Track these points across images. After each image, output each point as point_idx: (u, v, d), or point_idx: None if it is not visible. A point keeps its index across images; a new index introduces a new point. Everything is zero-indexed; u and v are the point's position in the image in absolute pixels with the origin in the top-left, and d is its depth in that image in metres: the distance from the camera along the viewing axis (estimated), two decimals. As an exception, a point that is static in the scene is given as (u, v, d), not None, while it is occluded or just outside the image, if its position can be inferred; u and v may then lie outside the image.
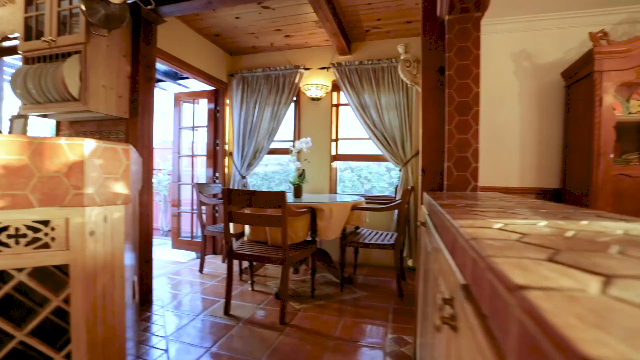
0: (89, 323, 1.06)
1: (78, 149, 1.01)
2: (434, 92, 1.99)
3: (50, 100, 2.33)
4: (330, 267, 3.22)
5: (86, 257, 1.04)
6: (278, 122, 4.07)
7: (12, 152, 0.94)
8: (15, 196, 0.95)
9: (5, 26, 2.58)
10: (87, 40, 2.23)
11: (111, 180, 1.10)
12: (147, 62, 2.61)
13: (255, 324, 2.39)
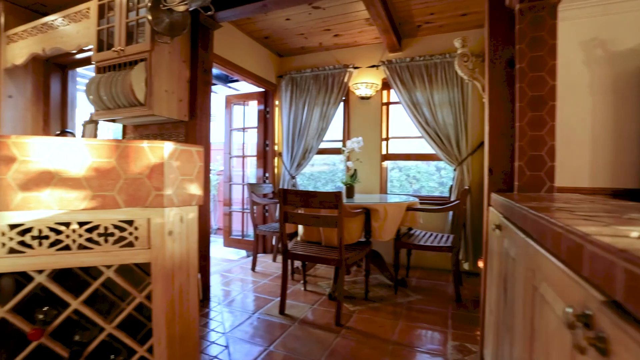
0: (168, 319, 1.09)
1: (158, 151, 1.05)
2: (501, 87, 1.86)
3: (119, 106, 2.49)
4: (383, 269, 3.15)
5: (165, 256, 1.08)
6: (327, 122, 4.06)
7: (102, 155, 1.00)
8: (105, 197, 1.00)
9: (80, 39, 2.80)
10: (152, 48, 2.35)
11: (187, 181, 1.13)
12: (205, 66, 2.71)
13: (310, 325, 2.39)
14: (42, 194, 0.95)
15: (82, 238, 1.01)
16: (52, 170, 0.95)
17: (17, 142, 0.93)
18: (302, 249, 2.62)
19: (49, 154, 0.95)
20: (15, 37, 3.30)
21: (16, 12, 3.42)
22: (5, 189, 0.92)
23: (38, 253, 0.98)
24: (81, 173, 0.97)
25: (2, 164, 0.92)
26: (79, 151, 0.97)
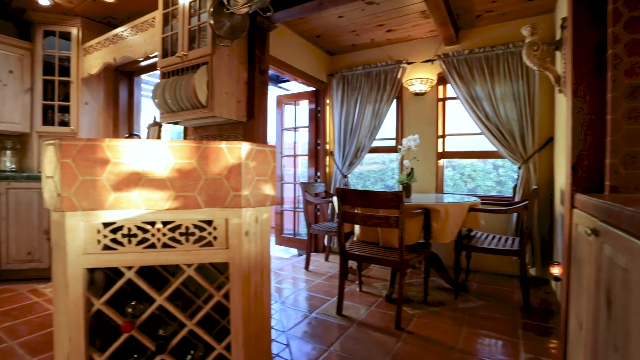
0: (245, 318, 1.10)
1: (236, 152, 1.05)
2: (588, 76, 1.67)
3: (183, 109, 2.60)
4: (442, 272, 3.01)
5: (242, 256, 1.08)
6: (380, 120, 3.97)
7: (184, 157, 1.02)
8: (187, 197, 1.02)
9: (147, 47, 2.96)
10: (213, 52, 2.42)
11: (262, 181, 1.13)
12: (262, 67, 2.75)
13: (369, 327, 2.34)
14: (131, 194, 0.99)
15: (166, 237, 1.04)
16: (140, 171, 0.99)
17: (110, 145, 0.97)
18: (359, 249, 2.57)
19: (137, 156, 0.99)
20: (90, 49, 3.58)
21: (91, 26, 3.71)
22: (101, 189, 0.97)
23: (128, 250, 1.02)
24: (165, 174, 1.00)
25: (97, 166, 0.97)
26: (163, 153, 1.00)
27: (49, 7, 3.47)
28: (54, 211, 1.00)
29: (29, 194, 3.23)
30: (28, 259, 3.24)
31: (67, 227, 0.98)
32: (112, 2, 3.34)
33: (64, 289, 0.99)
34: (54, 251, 1.04)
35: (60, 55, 3.67)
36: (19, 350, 2.05)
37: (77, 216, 0.98)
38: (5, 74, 3.48)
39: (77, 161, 0.95)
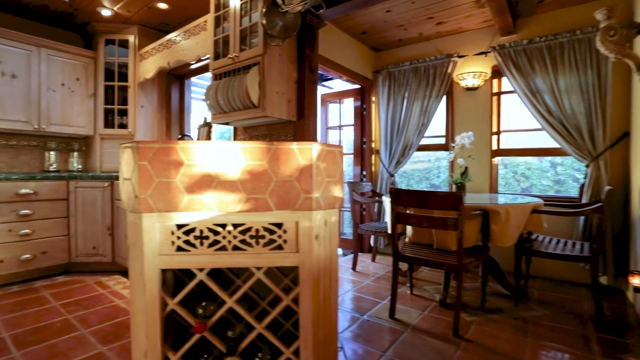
0: (314, 323, 1.06)
1: (307, 153, 1.02)
2: (688, 61, 1.47)
3: (234, 109, 2.64)
4: (499, 277, 2.83)
5: (312, 260, 1.05)
6: (428, 117, 3.82)
7: (255, 158, 1.00)
8: (258, 199, 1.01)
9: (199, 50, 3.05)
10: (264, 52, 2.43)
11: (332, 183, 1.09)
12: (311, 66, 2.73)
13: (424, 332, 2.24)
14: (204, 196, 0.99)
15: (237, 239, 1.03)
16: (212, 173, 0.99)
17: (183, 148, 0.98)
18: (412, 251, 2.48)
19: (209, 158, 0.98)
20: (146, 54, 3.76)
21: (146, 33, 3.90)
22: (175, 192, 0.98)
23: (200, 252, 1.02)
24: (237, 176, 0.99)
25: (172, 168, 0.98)
26: (235, 154, 0.99)
27: (110, 18, 3.68)
28: (131, 212, 1.02)
29: (93, 193, 3.45)
30: (93, 253, 3.46)
31: (144, 228, 0.99)
32: (166, 9, 3.47)
33: (142, 288, 1.01)
34: (131, 251, 1.07)
35: (119, 62, 3.89)
36: (91, 338, 2.18)
37: (153, 217, 0.99)
38: (73, 82, 3.75)
39: (153, 163, 0.97)
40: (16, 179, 3.11)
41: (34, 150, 3.83)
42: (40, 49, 3.53)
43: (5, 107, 3.33)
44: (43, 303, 2.72)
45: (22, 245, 3.15)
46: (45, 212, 3.29)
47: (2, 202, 3.05)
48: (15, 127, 3.40)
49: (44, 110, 3.56)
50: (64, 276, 3.39)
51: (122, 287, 3.10)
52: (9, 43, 3.34)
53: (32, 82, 3.48)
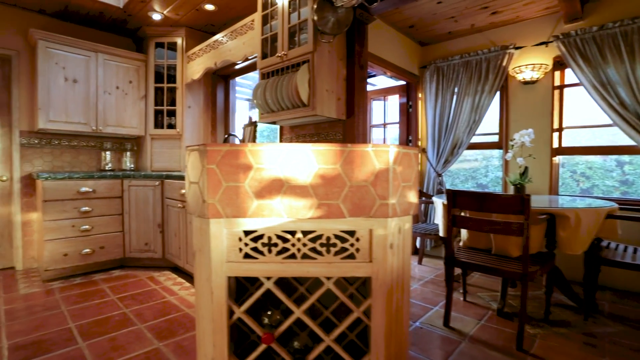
0: (387, 337, 0.99)
1: (384, 156, 0.94)
2: None
3: (283, 108, 2.61)
4: (564, 287, 2.61)
5: (386, 270, 0.98)
6: (480, 114, 3.60)
7: (328, 162, 0.94)
8: (330, 206, 0.94)
9: (246, 50, 3.05)
10: (314, 49, 2.38)
11: (407, 188, 1.01)
12: (361, 62, 2.64)
13: (484, 344, 2.10)
14: (273, 201, 0.94)
15: (306, 247, 0.98)
16: (283, 177, 0.93)
17: (252, 150, 0.93)
18: (468, 256, 2.33)
19: (279, 162, 0.93)
20: (193, 56, 3.84)
21: (193, 35, 3.98)
22: (244, 196, 0.93)
23: (268, 260, 0.98)
24: (308, 180, 0.93)
25: (240, 172, 0.94)
26: (306, 158, 0.93)
27: (159, 21, 3.79)
28: (198, 217, 0.99)
29: (145, 191, 3.58)
30: (145, 249, 3.60)
31: (212, 234, 0.96)
32: (213, 10, 3.52)
33: (208, 295, 0.98)
34: (197, 256, 1.04)
35: (168, 64, 4.00)
36: (147, 333, 2.24)
37: (221, 223, 0.96)
38: (126, 84, 3.91)
39: (221, 167, 0.93)
40: (77, 177, 3.29)
41: (91, 150, 4.04)
42: (97, 54, 3.70)
43: (68, 110, 3.53)
44: (102, 296, 2.85)
45: (83, 240, 3.33)
46: (102, 209, 3.45)
47: (66, 200, 3.24)
48: (76, 129, 3.60)
49: (100, 112, 3.73)
50: (119, 270, 3.55)
51: (173, 283, 3.18)
52: (71, 50, 3.53)
53: (90, 86, 3.66)
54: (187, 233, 3.17)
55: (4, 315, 2.51)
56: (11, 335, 2.23)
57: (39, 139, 3.69)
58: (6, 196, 3.57)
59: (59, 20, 3.82)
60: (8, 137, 3.57)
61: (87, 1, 3.39)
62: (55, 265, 3.19)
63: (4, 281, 3.23)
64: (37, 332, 2.25)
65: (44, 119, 3.40)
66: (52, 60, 3.43)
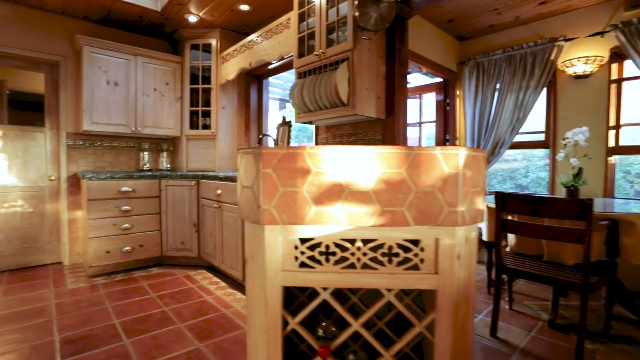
0: (452, 355, 0.91)
1: (453, 159, 0.86)
2: None
3: (321, 108, 2.56)
4: (625, 299, 2.40)
5: (453, 282, 0.90)
6: (525, 111, 3.40)
7: (392, 165, 0.87)
8: (394, 213, 0.88)
9: (282, 49, 3.02)
10: (354, 47, 2.31)
11: (476, 194, 0.92)
12: (401, 60, 2.54)
13: (537, 358, 1.96)
14: (333, 208, 0.88)
15: (366, 257, 0.91)
16: (343, 182, 0.88)
17: (311, 154, 0.88)
18: (516, 262, 2.19)
19: (339, 165, 0.88)
20: (227, 56, 3.86)
21: (227, 36, 4.00)
22: (301, 202, 0.88)
23: (326, 270, 0.93)
24: (370, 186, 0.87)
25: (298, 176, 0.89)
26: (368, 161, 0.87)
27: (195, 24, 3.84)
28: (252, 223, 0.95)
29: (181, 191, 3.64)
30: (181, 248, 3.66)
31: (266, 241, 0.92)
32: (248, 10, 3.52)
33: (262, 305, 0.94)
34: (249, 264, 1.00)
35: (202, 65, 4.05)
36: (187, 333, 2.26)
37: (276, 230, 0.91)
38: (163, 86, 3.99)
39: (278, 171, 0.88)
40: (118, 177, 3.39)
41: (130, 151, 4.16)
42: (137, 57, 3.80)
43: (110, 113, 3.64)
44: (143, 294, 2.92)
45: (124, 238, 3.43)
46: (141, 209, 3.54)
47: (108, 199, 3.34)
48: (117, 130, 3.71)
49: (139, 114, 3.83)
50: (157, 268, 3.63)
51: (209, 282, 3.22)
52: (113, 54, 3.64)
53: (130, 89, 3.77)
54: (223, 233, 3.19)
55: (54, 309, 2.62)
56: (62, 329, 2.31)
57: (84, 141, 3.84)
58: (54, 195, 3.74)
59: (101, 26, 3.95)
60: (56, 139, 3.73)
61: (128, 6, 3.48)
62: (99, 262, 3.30)
63: (53, 276, 3.38)
64: (84, 327, 2.32)
65: (88, 121, 3.52)
66: (96, 64, 3.55)
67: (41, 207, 3.68)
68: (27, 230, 3.61)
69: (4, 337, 2.21)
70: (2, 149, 3.48)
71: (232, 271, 3.09)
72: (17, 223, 3.57)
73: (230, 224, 3.05)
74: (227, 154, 4.09)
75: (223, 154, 4.05)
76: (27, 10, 3.54)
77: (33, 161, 3.64)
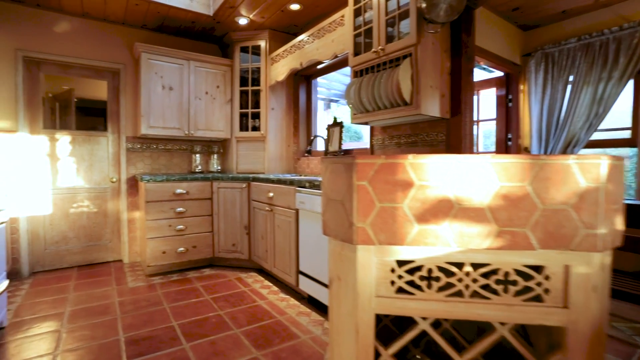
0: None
1: (593, 170, 0.71)
2: None
3: (379, 108, 2.42)
4: None
5: (587, 320, 0.74)
6: (606, 106, 3.04)
7: (512, 178, 0.73)
8: (514, 234, 0.74)
9: (335, 47, 2.92)
10: (418, 42, 2.15)
11: (616, 212, 0.76)
12: (468, 53, 2.34)
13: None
14: (439, 227, 0.76)
15: (477, 284, 0.78)
16: (452, 197, 0.75)
17: (414, 163, 0.76)
18: (611, 280, 1.92)
19: (448, 177, 0.75)
20: (277, 57, 3.83)
21: (275, 37, 3.98)
22: (402, 220, 0.77)
23: (427, 297, 0.81)
24: (485, 202, 0.74)
25: (398, 190, 0.77)
26: (483, 172, 0.74)
27: (244, 26, 3.85)
28: (341, 242, 0.85)
29: (232, 193, 3.66)
30: (232, 250, 3.69)
31: (359, 262, 0.82)
32: (298, 10, 3.46)
33: (351, 334, 0.83)
34: (335, 285, 0.90)
35: (251, 67, 4.06)
36: (244, 340, 2.23)
37: (370, 251, 0.81)
38: (214, 89, 4.05)
39: (375, 184, 0.77)
40: (173, 180, 3.47)
41: (183, 154, 4.27)
42: (189, 62, 3.88)
43: (165, 116, 3.75)
44: (198, 295, 2.95)
45: (179, 239, 3.51)
46: (194, 210, 3.60)
47: (164, 201, 3.43)
48: (171, 134, 3.81)
49: (192, 117, 3.91)
50: (209, 269, 3.69)
51: (260, 286, 3.20)
52: (167, 60, 3.74)
53: (183, 93, 3.85)
54: (274, 237, 3.16)
55: (118, 307, 2.71)
56: (125, 328, 2.37)
57: (141, 144, 3.98)
58: (115, 196, 3.92)
59: (156, 33, 4.08)
60: (117, 143, 3.91)
61: (182, 12, 3.55)
62: (156, 262, 3.40)
63: (115, 273, 3.54)
64: (146, 328, 2.37)
65: (146, 125, 3.64)
66: (152, 70, 3.66)
67: (104, 207, 3.87)
68: (92, 229, 3.81)
69: (76, 333, 2.31)
70: (71, 153, 3.70)
71: (284, 275, 3.04)
72: (84, 222, 3.77)
73: (283, 227, 3.01)
74: (276, 156, 4.07)
75: (272, 155, 4.03)
76: (94, 22, 3.72)
77: (97, 164, 3.83)
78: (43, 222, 3.58)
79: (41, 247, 3.58)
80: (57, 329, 2.37)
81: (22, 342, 2.20)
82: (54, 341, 2.20)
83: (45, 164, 3.58)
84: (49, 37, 3.51)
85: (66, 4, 3.41)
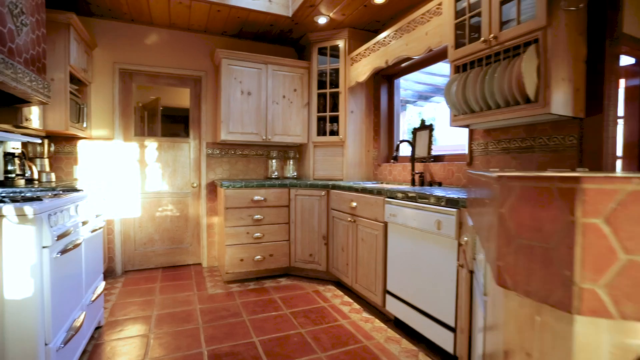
0: None
1: None
2: None
3: (490, 107, 2.04)
4: None
5: None
6: None
7: None
8: None
9: (430, 40, 2.60)
10: (548, 23, 1.74)
11: None
12: (615, 34, 1.86)
13: None
14: None
15: None
16: None
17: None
18: None
19: None
20: (357, 57, 3.59)
21: (355, 35, 3.74)
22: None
23: None
24: None
25: None
26: None
27: (323, 26, 3.68)
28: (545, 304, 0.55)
29: (311, 201, 3.50)
30: (309, 260, 3.52)
31: (578, 342, 0.51)
32: (382, 4, 3.19)
33: None
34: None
35: (330, 69, 3.88)
36: (331, 369, 2.01)
37: (601, 327, 0.50)
38: (291, 93, 3.94)
39: (617, 223, 0.48)
40: (251, 186, 3.40)
41: (259, 159, 4.24)
42: (267, 65, 3.82)
43: (244, 122, 3.72)
44: (277, 308, 2.81)
45: (256, 247, 3.44)
46: (271, 218, 3.51)
47: (242, 207, 3.38)
48: (249, 139, 3.77)
49: (269, 122, 3.84)
50: (285, 279, 3.56)
51: (340, 302, 2.97)
52: (246, 64, 3.72)
53: (261, 97, 3.80)
54: (357, 250, 2.91)
55: (199, 315, 2.67)
56: (207, 340, 2.30)
57: (220, 150, 4.02)
58: (196, 200, 4.00)
59: (235, 39, 4.11)
60: (198, 149, 3.99)
61: (261, 15, 3.49)
62: (234, 269, 3.36)
63: (195, 277, 3.58)
64: (227, 342, 2.27)
65: (225, 131, 3.64)
66: (232, 75, 3.66)
67: (185, 211, 3.97)
68: (175, 232, 3.93)
69: (162, 340, 2.29)
70: (157, 159, 3.85)
71: (367, 293, 2.77)
72: (168, 225, 3.90)
73: (368, 241, 2.74)
74: (355, 162, 3.83)
75: (351, 161, 3.80)
76: (179, 32, 3.85)
77: (180, 169, 3.94)
78: (133, 224, 3.76)
79: (132, 248, 3.76)
80: (145, 333, 2.38)
81: (116, 344, 2.23)
82: (143, 347, 2.20)
83: (135, 169, 3.76)
84: (140, 49, 3.69)
85: (156, 16, 3.55)
